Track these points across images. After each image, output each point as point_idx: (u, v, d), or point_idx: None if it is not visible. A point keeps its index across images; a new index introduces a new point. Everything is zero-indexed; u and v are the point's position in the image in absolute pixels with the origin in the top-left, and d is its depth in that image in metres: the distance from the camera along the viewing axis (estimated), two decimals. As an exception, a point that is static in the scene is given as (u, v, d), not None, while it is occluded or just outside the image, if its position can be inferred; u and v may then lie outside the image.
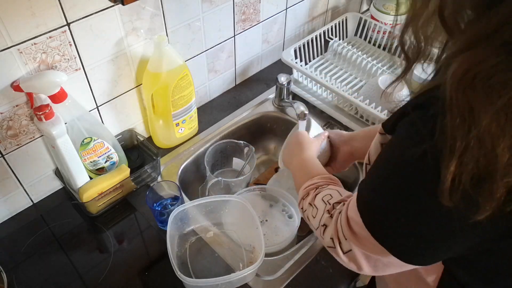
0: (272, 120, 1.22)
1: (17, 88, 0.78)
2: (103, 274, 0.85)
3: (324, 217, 0.65)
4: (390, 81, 1.10)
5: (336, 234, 0.61)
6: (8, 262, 0.86)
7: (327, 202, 0.67)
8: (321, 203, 0.67)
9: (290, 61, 1.19)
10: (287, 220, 0.99)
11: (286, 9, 1.27)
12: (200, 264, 0.88)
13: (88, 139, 0.90)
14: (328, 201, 0.67)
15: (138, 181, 0.99)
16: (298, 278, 0.85)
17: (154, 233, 0.93)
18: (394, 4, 1.35)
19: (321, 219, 0.66)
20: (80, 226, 0.95)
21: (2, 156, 0.86)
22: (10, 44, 0.74)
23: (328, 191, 0.69)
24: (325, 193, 0.69)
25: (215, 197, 0.90)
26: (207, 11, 1.04)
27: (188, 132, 1.11)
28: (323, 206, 0.67)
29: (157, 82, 0.95)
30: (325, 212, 0.65)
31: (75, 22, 0.81)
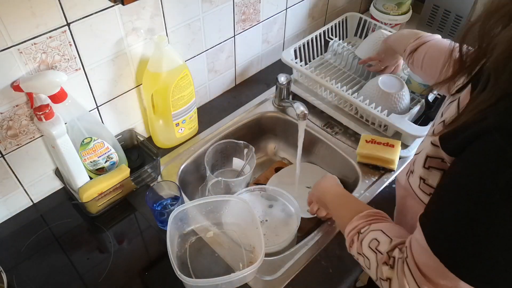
0: (272, 120, 1.22)
1: (17, 88, 0.78)
2: (103, 274, 0.85)
3: (382, 270, 0.59)
4: (390, 81, 1.10)
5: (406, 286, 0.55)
6: (8, 262, 0.86)
7: (377, 251, 0.61)
8: (370, 252, 0.62)
9: (290, 61, 1.19)
10: (287, 220, 0.99)
11: (286, 9, 1.27)
12: (200, 264, 0.88)
13: (88, 139, 0.90)
14: (377, 249, 0.61)
15: (138, 181, 0.99)
16: (298, 278, 0.85)
17: (154, 233, 0.93)
18: (394, 4, 1.35)
19: (377, 271, 0.60)
20: (80, 226, 0.95)
21: (2, 156, 0.86)
22: (10, 44, 0.74)
23: (372, 234, 0.63)
24: (369, 238, 0.63)
25: (215, 197, 0.90)
26: (207, 11, 1.04)
27: (188, 132, 1.11)
28: (373, 256, 0.61)
29: (157, 82, 0.95)
30: (381, 264, 0.59)
31: (75, 22, 0.81)
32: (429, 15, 1.40)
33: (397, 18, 1.37)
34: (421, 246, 0.52)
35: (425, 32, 0.93)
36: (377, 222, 0.66)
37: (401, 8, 1.36)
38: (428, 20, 1.41)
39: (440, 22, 1.38)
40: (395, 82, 1.11)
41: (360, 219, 0.68)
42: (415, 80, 1.16)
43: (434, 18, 1.40)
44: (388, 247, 0.60)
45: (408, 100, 1.11)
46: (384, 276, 0.59)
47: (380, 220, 0.67)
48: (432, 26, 1.41)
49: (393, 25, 1.38)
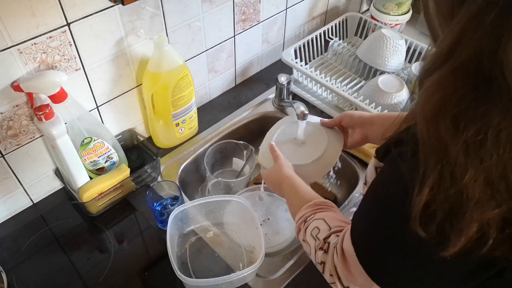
0: (272, 120, 1.22)
1: (17, 88, 0.78)
2: (103, 274, 0.85)
3: (319, 254, 0.64)
4: (390, 81, 1.10)
5: (335, 270, 0.60)
6: (8, 262, 0.86)
7: (316, 237, 0.66)
8: (311, 239, 0.66)
9: (290, 61, 1.19)
10: (287, 220, 0.99)
11: (286, 9, 1.27)
12: (200, 264, 0.88)
13: (88, 139, 0.90)
14: (316, 236, 0.66)
15: (138, 181, 0.99)
16: (298, 278, 0.85)
17: (154, 233, 0.93)
18: (394, 4, 1.35)
19: (316, 256, 0.65)
20: (80, 226, 0.95)
21: (2, 156, 0.86)
22: (10, 44, 0.74)
23: (314, 222, 0.67)
24: (312, 226, 0.67)
25: (215, 197, 0.90)
26: (207, 11, 1.04)
27: (188, 132, 1.11)
28: (313, 243, 0.66)
29: (157, 82, 0.95)
30: (318, 249, 0.64)
31: (75, 22, 0.81)
32: (429, 15, 1.40)
33: (397, 18, 1.37)
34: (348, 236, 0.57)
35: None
36: (322, 211, 0.70)
37: (401, 8, 1.36)
38: (428, 20, 1.41)
39: (440, 22, 1.38)
40: (395, 82, 1.11)
41: (308, 208, 0.71)
42: (415, 80, 1.15)
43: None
44: (326, 234, 0.64)
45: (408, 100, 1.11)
46: (319, 260, 0.64)
47: (325, 209, 0.70)
48: (432, 26, 1.41)
49: (393, 25, 1.38)
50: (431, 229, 0.43)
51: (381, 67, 1.21)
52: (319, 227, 0.66)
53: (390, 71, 1.21)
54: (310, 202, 0.72)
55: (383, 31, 1.20)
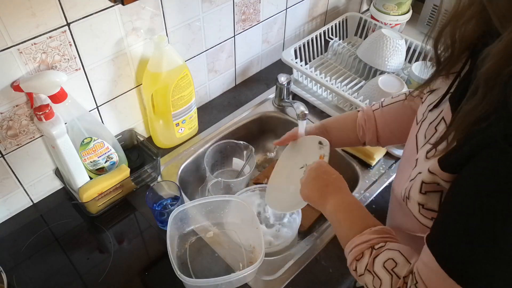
0: (272, 120, 1.22)
1: (17, 88, 0.78)
2: (103, 274, 0.85)
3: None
4: (390, 81, 1.11)
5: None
6: (8, 262, 0.86)
7: (393, 272, 0.57)
8: (384, 273, 0.58)
9: (290, 61, 1.19)
10: (287, 219, 0.99)
11: (286, 9, 1.27)
12: (200, 264, 0.88)
13: (88, 139, 0.90)
14: (393, 270, 0.57)
15: (138, 181, 0.99)
16: (298, 278, 0.85)
17: (154, 233, 0.93)
18: (394, 4, 1.35)
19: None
20: (80, 226, 0.95)
21: (2, 156, 0.86)
22: (10, 44, 0.74)
23: (388, 253, 0.59)
24: (385, 257, 0.59)
25: (215, 197, 0.90)
26: (207, 11, 1.04)
27: (188, 132, 1.11)
28: (388, 278, 0.57)
29: (157, 82, 0.95)
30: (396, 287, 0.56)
31: (75, 22, 0.81)
32: (429, 15, 1.40)
33: (397, 18, 1.37)
34: (431, 269, 0.50)
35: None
36: (393, 241, 0.62)
37: (401, 8, 1.36)
38: (428, 20, 1.41)
39: (440, 22, 1.38)
40: (395, 82, 1.11)
41: (374, 233, 0.62)
42: (415, 80, 1.16)
43: (434, 18, 1.39)
44: (406, 272, 0.56)
45: (408, 100, 1.11)
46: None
47: (395, 240, 0.63)
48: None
49: (393, 25, 1.38)
50: None
51: (381, 67, 1.21)
52: (396, 261, 0.58)
53: (390, 71, 1.21)
54: (375, 227, 0.64)
55: (383, 31, 1.20)
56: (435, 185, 0.53)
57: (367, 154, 1.04)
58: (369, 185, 1.02)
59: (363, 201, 0.98)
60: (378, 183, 1.02)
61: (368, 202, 0.98)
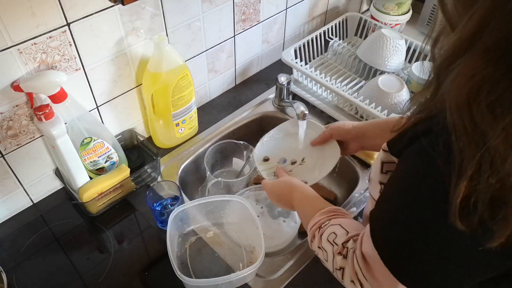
0: (272, 120, 1.22)
1: (17, 88, 0.78)
2: (103, 274, 0.85)
3: (337, 259, 0.62)
4: (390, 81, 1.11)
5: (356, 276, 0.58)
6: (8, 262, 0.86)
7: (333, 243, 0.64)
8: (328, 244, 0.65)
9: (290, 61, 1.19)
10: (287, 220, 0.99)
11: (286, 9, 1.27)
12: (200, 264, 0.88)
13: (88, 139, 0.90)
14: (334, 241, 0.64)
15: (138, 181, 0.99)
16: (298, 278, 0.85)
17: (154, 233, 0.93)
18: (394, 4, 1.35)
19: (333, 262, 0.63)
20: (80, 226, 0.95)
21: (2, 156, 0.86)
22: (10, 44, 0.74)
23: (330, 228, 0.66)
24: (328, 232, 0.66)
25: (215, 197, 0.90)
26: (207, 11, 1.04)
27: (188, 132, 1.11)
28: (330, 248, 0.64)
29: (157, 82, 0.95)
30: (336, 254, 0.62)
31: (75, 22, 0.81)
32: (429, 15, 1.40)
33: (397, 18, 1.37)
34: (367, 236, 0.55)
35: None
36: (337, 217, 0.69)
37: (401, 8, 1.36)
38: (428, 20, 1.41)
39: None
40: (395, 82, 1.11)
41: (322, 214, 0.70)
42: (415, 80, 1.16)
43: (433, 18, 1.39)
44: (344, 239, 0.63)
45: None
46: (338, 265, 0.62)
47: (340, 216, 0.69)
48: (432, 26, 1.41)
49: (393, 25, 1.38)
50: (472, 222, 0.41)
51: (381, 67, 1.21)
52: (336, 232, 0.65)
53: (390, 71, 1.21)
54: (323, 209, 0.71)
55: (383, 31, 1.20)
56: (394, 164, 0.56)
57: (367, 154, 1.04)
58: (369, 185, 1.02)
59: (363, 201, 0.99)
60: (378, 183, 1.02)
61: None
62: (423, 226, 0.47)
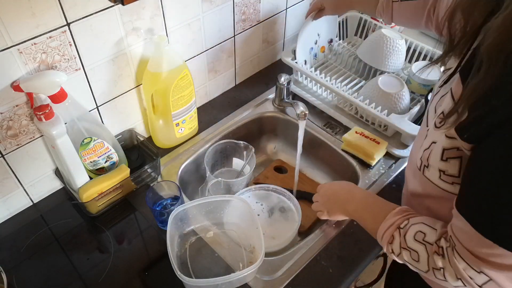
0: (272, 120, 1.22)
1: (17, 88, 0.78)
2: (103, 274, 0.85)
3: (435, 260, 0.61)
4: (390, 81, 1.11)
5: (461, 274, 0.57)
6: (8, 262, 0.86)
7: (425, 242, 0.62)
8: (417, 244, 0.63)
9: (290, 61, 1.19)
10: (287, 220, 0.99)
11: (286, 9, 1.27)
12: (200, 264, 0.88)
13: (88, 139, 0.90)
14: (424, 240, 0.62)
15: (138, 181, 0.99)
16: (298, 278, 0.85)
17: (154, 233, 0.93)
18: (394, 4, 1.35)
19: (428, 262, 0.62)
20: (80, 226, 0.95)
21: (2, 156, 0.86)
22: (10, 44, 0.74)
23: (414, 227, 0.64)
24: (413, 231, 0.64)
25: (215, 197, 0.90)
26: (207, 11, 1.04)
27: (188, 132, 1.11)
28: (422, 248, 0.62)
29: (157, 82, 0.95)
30: (432, 254, 0.61)
31: (75, 22, 0.81)
32: (429, 15, 1.40)
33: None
34: (467, 233, 0.55)
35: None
36: (414, 216, 0.67)
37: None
38: (428, 20, 1.41)
39: (440, 22, 1.38)
40: (395, 82, 1.11)
41: (396, 215, 0.68)
42: (415, 80, 1.16)
43: None
44: (435, 237, 0.62)
45: (408, 100, 1.11)
46: (437, 265, 0.61)
47: (415, 214, 0.68)
48: (432, 26, 1.41)
49: (393, 25, 1.38)
50: None
51: (381, 67, 1.21)
52: (423, 231, 0.63)
53: (390, 71, 1.21)
54: (395, 210, 0.69)
55: (383, 31, 1.20)
56: (455, 150, 0.57)
57: (367, 154, 1.04)
58: (369, 185, 1.02)
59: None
60: (378, 183, 1.02)
61: (368, 202, 0.98)
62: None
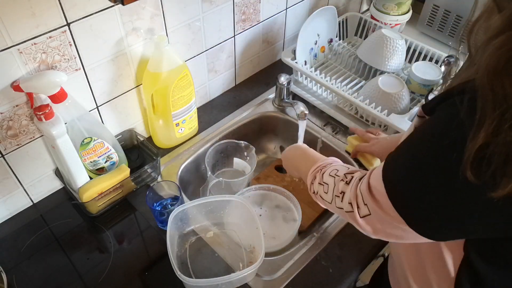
0: (272, 120, 1.22)
1: (17, 88, 0.78)
2: (103, 274, 0.85)
3: (339, 185, 0.67)
4: (390, 81, 1.11)
5: (355, 199, 0.63)
6: (8, 262, 0.86)
7: (336, 175, 0.70)
8: (330, 178, 0.70)
9: (290, 61, 1.19)
10: (287, 219, 0.99)
11: (286, 9, 1.27)
12: (200, 264, 0.88)
13: (88, 139, 0.90)
14: (336, 174, 0.70)
15: (138, 181, 0.99)
16: (298, 278, 0.85)
17: (154, 233, 0.93)
18: (394, 4, 1.35)
19: (334, 189, 0.68)
20: (80, 226, 0.95)
21: (2, 156, 0.86)
22: (10, 44, 0.74)
23: (333, 167, 0.73)
24: (330, 169, 0.72)
25: (215, 197, 0.90)
26: (207, 11, 1.04)
27: (188, 132, 1.11)
28: (332, 179, 0.70)
29: (157, 82, 0.95)
30: (339, 182, 0.68)
31: (75, 22, 0.81)
32: (429, 15, 1.40)
33: (397, 18, 1.37)
34: (378, 172, 0.59)
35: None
36: (338, 163, 0.76)
37: (401, 8, 1.36)
38: (428, 20, 1.41)
39: (440, 22, 1.38)
40: (395, 82, 1.11)
41: (322, 161, 0.77)
42: (415, 80, 1.16)
43: (434, 18, 1.40)
44: (346, 171, 0.69)
45: (408, 100, 1.11)
46: (339, 190, 0.67)
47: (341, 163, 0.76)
48: (432, 26, 1.41)
49: (393, 25, 1.38)
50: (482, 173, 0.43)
51: (381, 67, 1.21)
52: (338, 169, 0.71)
53: (390, 71, 1.21)
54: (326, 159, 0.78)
55: (383, 31, 1.20)
56: None
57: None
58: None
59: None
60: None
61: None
62: (436, 170, 0.50)
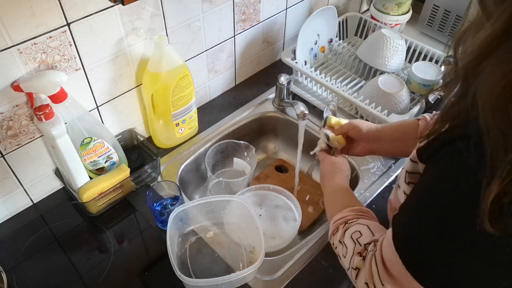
0: (272, 120, 1.22)
1: (17, 88, 0.78)
2: (103, 274, 0.85)
3: (355, 259, 0.62)
4: (390, 81, 1.11)
5: (372, 279, 0.58)
6: (8, 262, 0.86)
7: (357, 241, 0.64)
8: (350, 241, 0.64)
9: (290, 61, 1.19)
10: (287, 219, 0.99)
11: (286, 9, 1.27)
12: (200, 264, 0.88)
13: (88, 139, 0.90)
14: (357, 240, 0.64)
15: (138, 181, 0.99)
16: (298, 278, 0.85)
17: (154, 233, 0.93)
18: (394, 4, 1.35)
19: (351, 260, 0.63)
20: (80, 226, 0.95)
21: (2, 156, 0.86)
22: (10, 44, 0.74)
23: (357, 226, 0.66)
24: (354, 229, 0.66)
25: (215, 197, 0.90)
26: (207, 11, 1.04)
27: (188, 132, 1.11)
28: (352, 246, 0.64)
29: (157, 82, 0.95)
30: (356, 254, 0.62)
31: (75, 22, 0.81)
32: (429, 15, 1.40)
33: (397, 18, 1.37)
34: (389, 241, 0.54)
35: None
36: (366, 218, 0.68)
37: (401, 8, 1.36)
38: (428, 20, 1.41)
39: (440, 22, 1.38)
40: (395, 82, 1.11)
41: (351, 211, 0.70)
42: (415, 80, 1.16)
43: (434, 18, 1.40)
44: (367, 241, 0.63)
45: (408, 100, 1.11)
46: (354, 265, 0.62)
47: (369, 218, 0.69)
48: (432, 26, 1.41)
49: (393, 25, 1.38)
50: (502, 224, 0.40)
51: (381, 67, 1.21)
52: (362, 232, 0.64)
53: (390, 71, 1.21)
54: (355, 207, 0.71)
55: (383, 31, 1.20)
56: (417, 176, 0.56)
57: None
58: (369, 185, 1.02)
59: (363, 201, 0.99)
60: (378, 183, 1.02)
61: (368, 202, 0.98)
62: (452, 228, 0.46)
